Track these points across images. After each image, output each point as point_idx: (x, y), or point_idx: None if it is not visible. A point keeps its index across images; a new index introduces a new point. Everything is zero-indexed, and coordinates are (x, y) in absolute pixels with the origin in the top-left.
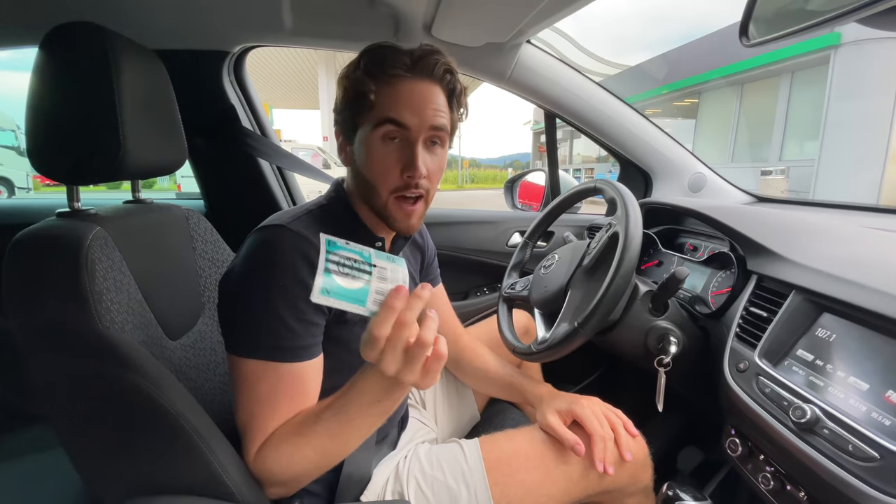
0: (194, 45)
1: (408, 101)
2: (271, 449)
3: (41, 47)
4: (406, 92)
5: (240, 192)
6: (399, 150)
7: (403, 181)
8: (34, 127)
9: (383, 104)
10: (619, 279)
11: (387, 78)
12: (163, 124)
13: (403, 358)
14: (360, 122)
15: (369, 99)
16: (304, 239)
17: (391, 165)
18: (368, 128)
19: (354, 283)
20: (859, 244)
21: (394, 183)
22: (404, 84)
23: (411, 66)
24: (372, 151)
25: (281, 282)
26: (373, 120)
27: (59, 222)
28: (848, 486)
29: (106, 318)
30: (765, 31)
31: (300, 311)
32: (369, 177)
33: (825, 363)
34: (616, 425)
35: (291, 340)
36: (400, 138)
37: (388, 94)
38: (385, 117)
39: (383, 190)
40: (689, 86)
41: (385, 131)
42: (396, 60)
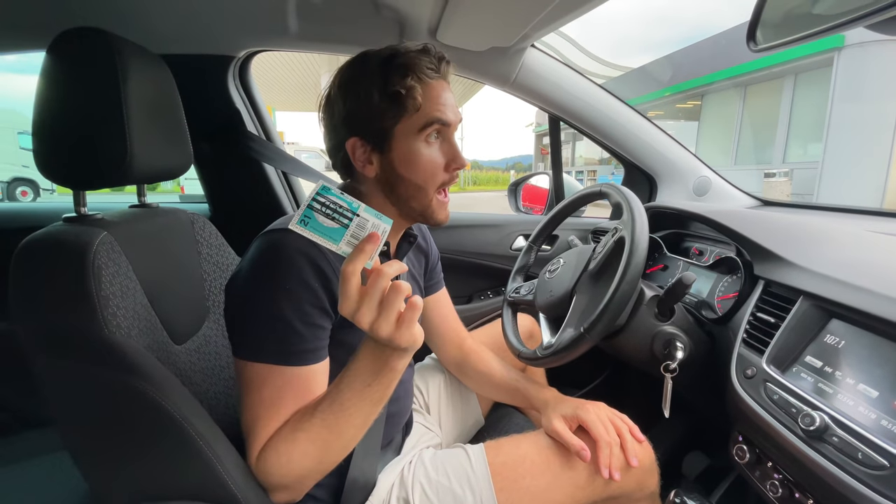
0: (200, 49)
1: (446, 101)
2: (271, 449)
3: (49, 51)
4: (442, 92)
5: (244, 196)
6: (441, 148)
7: (450, 175)
8: (41, 131)
9: (428, 106)
10: (626, 284)
11: (429, 81)
12: (169, 129)
13: (378, 308)
14: (400, 128)
15: (414, 101)
16: (309, 243)
17: (438, 164)
18: (411, 132)
19: (333, 223)
20: (866, 249)
21: (441, 179)
22: (438, 85)
23: (437, 65)
24: (420, 154)
25: (287, 285)
26: (418, 123)
27: (66, 227)
28: (857, 494)
29: (112, 323)
30: (772, 37)
31: (306, 315)
32: (417, 179)
33: (834, 370)
34: (622, 431)
35: (297, 344)
36: (440, 136)
37: (430, 96)
38: (433, 118)
39: (431, 188)
40: (692, 88)
41: (430, 132)
42: (430, 62)
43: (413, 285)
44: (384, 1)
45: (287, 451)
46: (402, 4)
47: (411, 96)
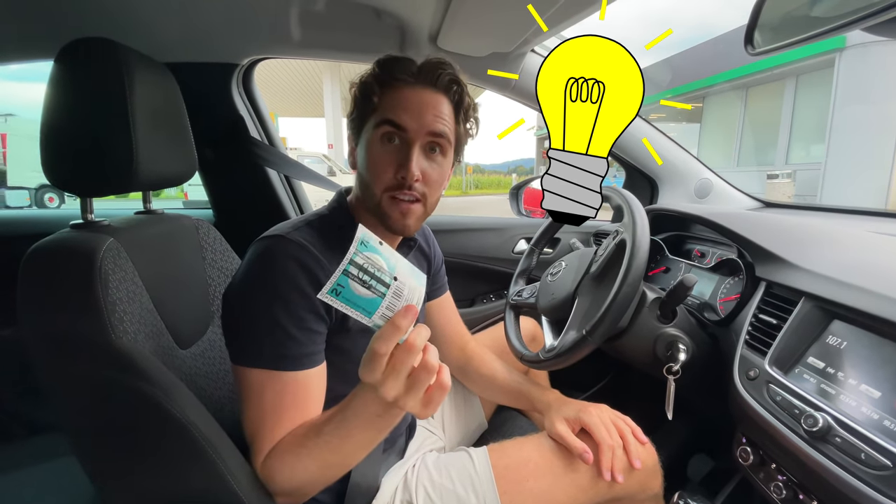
0: (204, 58)
1: (407, 105)
2: (276, 459)
3: (56, 61)
4: (407, 96)
5: (248, 201)
6: (396, 151)
7: (396, 181)
8: (48, 139)
9: (385, 106)
10: (627, 287)
11: (392, 82)
12: (174, 136)
13: (406, 383)
14: (365, 123)
15: (373, 101)
16: (303, 248)
17: (387, 165)
18: (370, 128)
19: (368, 292)
20: (868, 250)
21: (387, 181)
22: (407, 89)
23: (416, 73)
24: (370, 150)
25: (281, 291)
26: (374, 120)
27: (73, 234)
28: (861, 495)
29: (119, 328)
30: (770, 40)
31: (301, 320)
32: (367, 176)
33: (836, 371)
34: (625, 432)
35: (294, 349)
36: (399, 140)
37: (390, 97)
38: (384, 118)
39: (377, 188)
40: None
41: (384, 132)
42: (404, 68)
43: None
44: (385, 8)
45: (290, 462)
46: (402, 12)
47: (370, 95)
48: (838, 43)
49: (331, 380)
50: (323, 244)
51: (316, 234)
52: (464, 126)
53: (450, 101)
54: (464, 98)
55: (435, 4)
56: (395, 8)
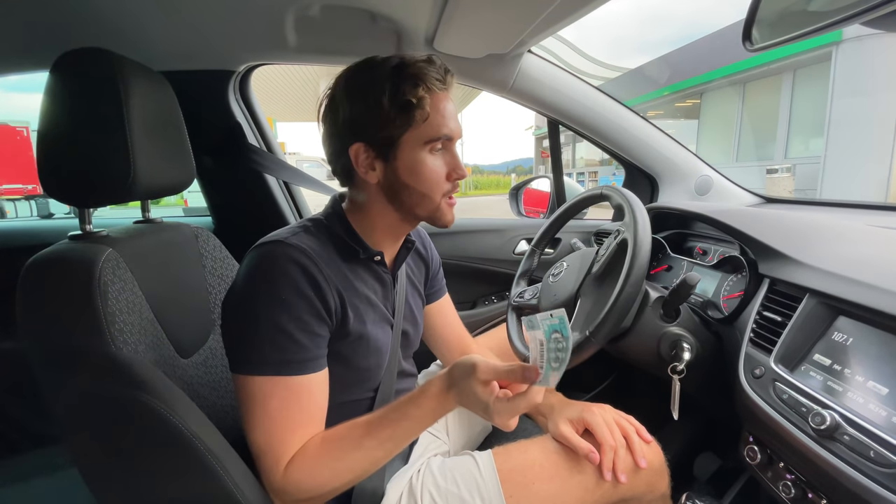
0: (200, 65)
1: (452, 115)
2: (300, 471)
3: (52, 72)
4: (448, 106)
5: (247, 208)
6: (444, 158)
7: (453, 184)
8: (45, 151)
9: (436, 119)
10: (630, 286)
11: (437, 93)
12: (171, 145)
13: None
14: (404, 136)
15: (423, 111)
16: (303, 252)
17: (442, 173)
18: (418, 143)
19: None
20: (871, 244)
21: (445, 188)
22: (444, 98)
23: (443, 78)
24: (425, 165)
25: (283, 295)
26: (424, 135)
27: (72, 245)
28: (871, 493)
29: (119, 339)
30: (768, 36)
31: (305, 324)
32: (422, 188)
33: (843, 367)
34: (629, 432)
35: (298, 353)
36: (444, 147)
37: (437, 109)
38: (440, 133)
39: (437, 196)
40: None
41: (438, 144)
42: (437, 74)
43: (414, 294)
44: (381, 12)
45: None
46: (398, 15)
47: (421, 106)
48: (835, 36)
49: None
50: (320, 247)
51: (313, 239)
52: None
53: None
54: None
55: (430, 6)
56: (391, 11)
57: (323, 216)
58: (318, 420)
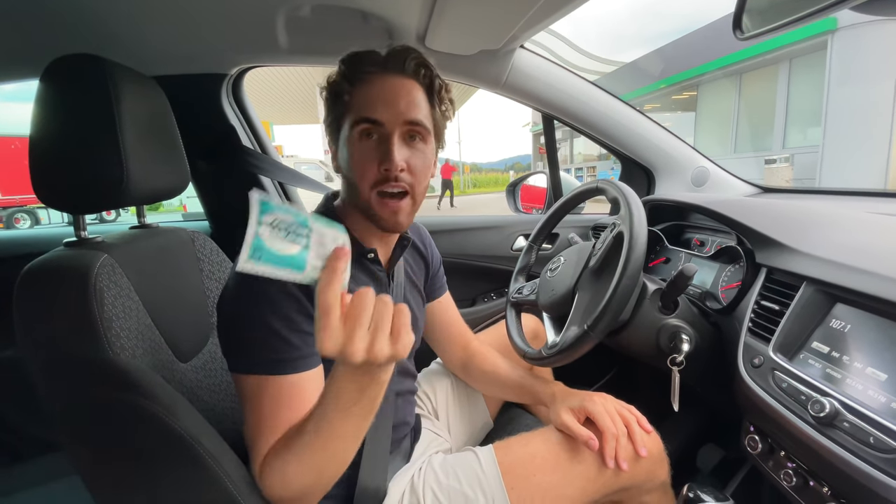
0: (192, 69)
1: (378, 96)
2: (268, 466)
3: (42, 79)
4: (377, 88)
5: (243, 211)
6: (376, 146)
7: (381, 174)
8: (38, 158)
9: (357, 103)
10: (627, 279)
11: (361, 76)
12: (165, 149)
13: (372, 331)
14: (341, 124)
15: (344, 100)
16: None
17: (369, 161)
18: (347, 128)
19: (290, 247)
20: (869, 231)
21: (372, 177)
22: (376, 80)
23: (383, 63)
24: (350, 149)
25: (269, 294)
26: (349, 120)
27: (67, 252)
28: (872, 479)
29: (116, 344)
30: (759, 24)
31: (293, 322)
32: (351, 175)
33: (841, 355)
34: (629, 421)
35: (287, 352)
36: (376, 134)
37: (361, 93)
38: (359, 116)
39: (364, 186)
40: (687, 79)
41: (361, 129)
42: (369, 60)
43: (413, 292)
44: (372, 11)
45: (281, 468)
46: (389, 14)
47: (341, 94)
48: (830, 25)
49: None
50: None
51: None
52: (440, 109)
53: (421, 86)
54: (434, 80)
55: (420, 4)
56: (381, 10)
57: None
58: None
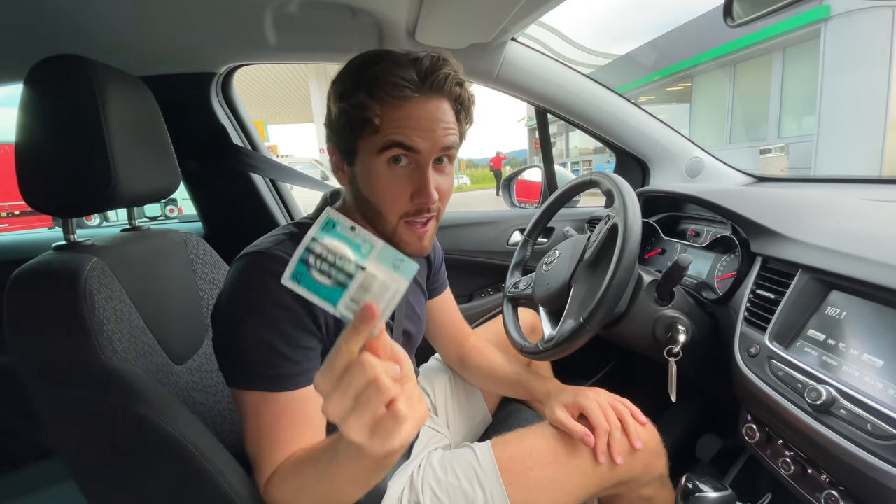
0: (180, 69)
1: (417, 124)
2: (275, 486)
3: (26, 83)
4: (415, 113)
5: (236, 211)
6: (408, 175)
7: (414, 206)
8: (24, 162)
9: (389, 126)
10: (622, 271)
11: (393, 100)
12: (153, 150)
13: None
14: (362, 144)
15: (374, 123)
16: (283, 262)
17: (400, 190)
18: (372, 151)
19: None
20: (864, 218)
21: (403, 208)
22: (413, 105)
23: (420, 83)
24: (378, 176)
25: (266, 309)
26: (377, 143)
27: (56, 255)
28: (869, 466)
29: (108, 348)
30: (750, 10)
31: (291, 338)
32: (376, 202)
33: (837, 342)
34: (623, 414)
35: (286, 368)
36: (408, 160)
37: (394, 117)
38: (393, 141)
39: (392, 215)
40: (681, 70)
41: (392, 154)
42: (403, 78)
43: (416, 290)
44: (360, 6)
45: (288, 490)
46: (378, 8)
47: (365, 115)
48: (823, 13)
49: None
50: None
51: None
52: (466, 124)
53: (453, 105)
54: (465, 98)
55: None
56: (370, 5)
57: (311, 218)
58: (312, 432)
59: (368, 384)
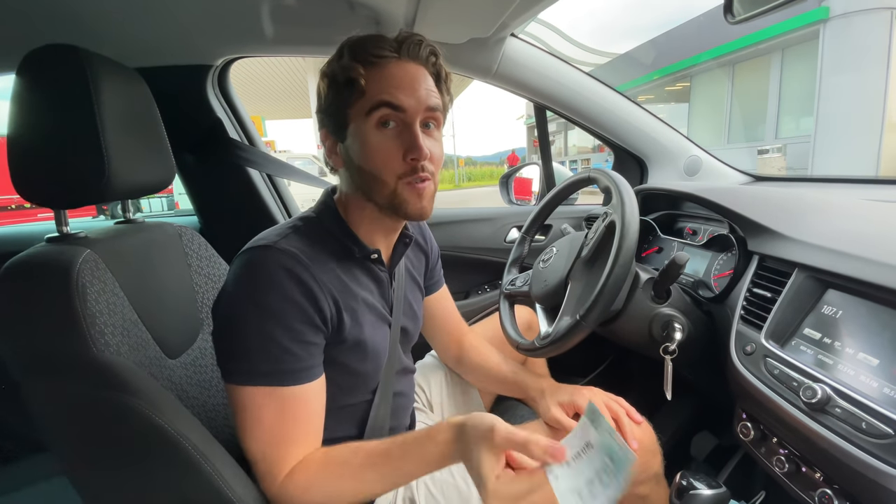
0: (176, 60)
1: (400, 82)
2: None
3: (19, 73)
4: (397, 73)
5: (232, 206)
6: (398, 135)
7: (409, 165)
8: (17, 153)
9: (375, 88)
10: (619, 268)
11: (375, 60)
12: (148, 142)
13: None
14: (351, 113)
15: (360, 84)
16: (291, 256)
17: (393, 151)
18: (361, 117)
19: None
20: (860, 217)
21: (398, 168)
22: (394, 65)
23: (398, 47)
24: (369, 140)
25: (272, 304)
26: (365, 107)
27: (49, 248)
28: (864, 464)
29: (100, 341)
30: (750, 7)
31: (297, 333)
32: (371, 168)
33: (833, 341)
34: (619, 413)
35: (291, 363)
36: (396, 122)
37: (379, 77)
38: (379, 101)
39: (389, 177)
40: (680, 70)
41: (380, 116)
42: (382, 43)
43: (413, 287)
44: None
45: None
46: (376, 1)
47: (353, 78)
48: (822, 14)
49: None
50: (312, 249)
51: (304, 240)
52: (446, 96)
53: (431, 74)
54: (441, 69)
55: None
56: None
57: (314, 212)
58: (315, 429)
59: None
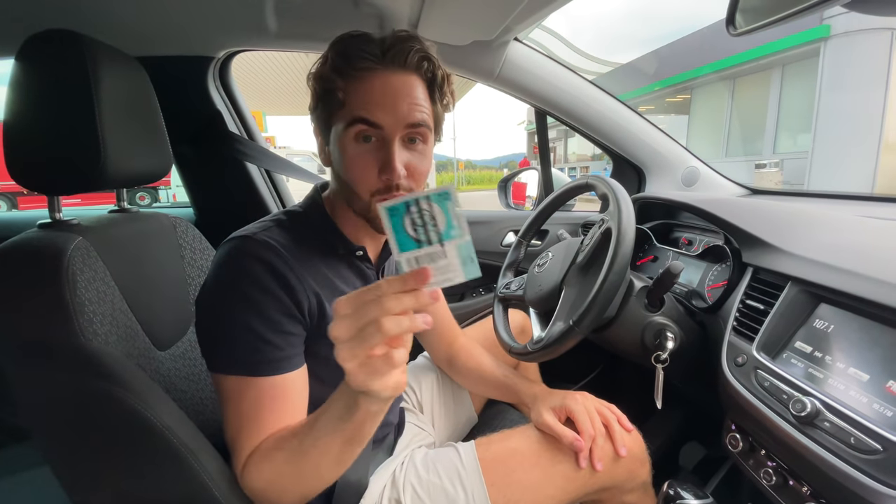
0: (178, 51)
1: (380, 98)
2: (252, 464)
3: (17, 58)
4: (377, 87)
5: (228, 199)
6: (375, 151)
7: (382, 183)
8: (12, 137)
9: (353, 102)
10: (613, 275)
11: (355, 73)
12: (146, 132)
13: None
14: (333, 120)
15: (337, 97)
16: (269, 248)
17: (368, 166)
18: (340, 127)
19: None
20: (855, 233)
21: (373, 185)
22: (375, 78)
23: (381, 56)
24: (346, 152)
25: (250, 294)
26: (344, 119)
27: (40, 234)
28: (851, 479)
29: (88, 330)
30: (752, 20)
31: (275, 323)
32: (347, 179)
33: (824, 355)
34: (609, 420)
35: (269, 353)
36: (375, 137)
37: (357, 91)
38: (355, 116)
39: (363, 192)
40: (681, 82)
41: (357, 131)
42: (365, 51)
43: None
44: None
45: (267, 468)
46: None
47: (332, 90)
48: (823, 32)
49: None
50: (293, 243)
51: (286, 234)
52: (440, 104)
53: (423, 81)
54: (436, 73)
55: None
56: None
57: (301, 207)
58: (292, 418)
59: (375, 320)
